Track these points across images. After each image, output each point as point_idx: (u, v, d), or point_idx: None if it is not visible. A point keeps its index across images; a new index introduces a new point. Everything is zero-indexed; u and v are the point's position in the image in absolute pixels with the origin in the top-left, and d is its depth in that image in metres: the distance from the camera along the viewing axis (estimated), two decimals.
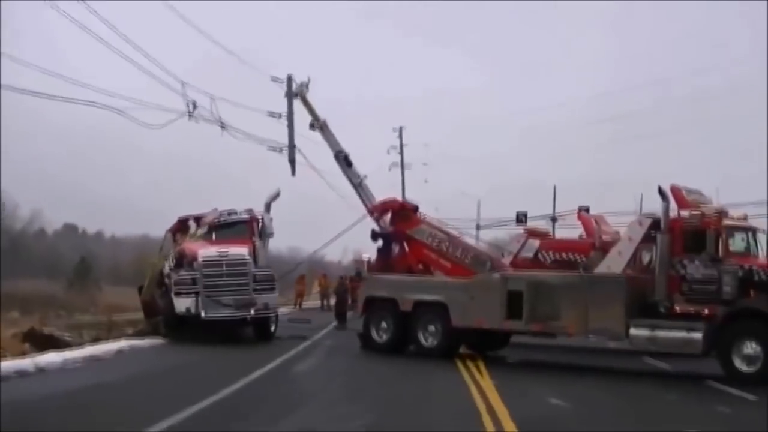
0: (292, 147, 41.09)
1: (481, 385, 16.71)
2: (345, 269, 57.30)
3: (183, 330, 24.55)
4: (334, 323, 33.02)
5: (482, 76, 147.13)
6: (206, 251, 24.65)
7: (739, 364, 18.17)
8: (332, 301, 42.58)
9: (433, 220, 24.43)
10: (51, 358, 18.52)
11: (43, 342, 29.59)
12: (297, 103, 41.38)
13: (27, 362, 17.38)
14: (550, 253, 25.99)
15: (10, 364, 16.46)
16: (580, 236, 26.92)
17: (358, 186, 42.56)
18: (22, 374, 16.00)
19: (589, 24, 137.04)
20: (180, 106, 29.60)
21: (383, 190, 39.26)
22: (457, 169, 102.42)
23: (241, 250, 24.74)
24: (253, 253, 25.23)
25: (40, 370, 16.86)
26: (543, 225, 47.90)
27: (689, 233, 19.35)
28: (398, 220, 23.98)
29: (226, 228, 26.46)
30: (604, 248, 24.66)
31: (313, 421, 12.51)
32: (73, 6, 23.81)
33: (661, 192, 19.52)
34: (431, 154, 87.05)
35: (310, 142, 41.42)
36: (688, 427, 13.04)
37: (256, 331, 25.33)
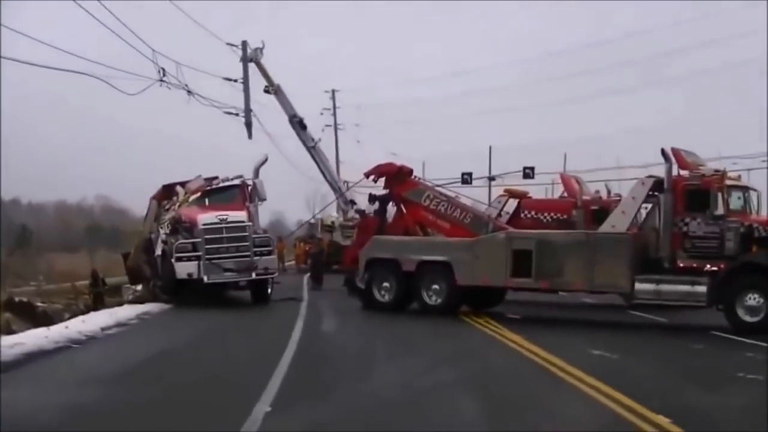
0: (248, 110, 41.55)
1: (513, 339, 17.58)
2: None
3: (181, 295, 24.96)
4: (309, 284, 33.58)
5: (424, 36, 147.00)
6: (206, 217, 24.94)
7: (743, 315, 19.47)
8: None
9: (429, 183, 25.18)
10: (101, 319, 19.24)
11: (24, 310, 29.60)
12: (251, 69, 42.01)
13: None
14: (532, 212, 27.12)
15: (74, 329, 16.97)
16: (561, 195, 28.12)
17: (312, 149, 43.37)
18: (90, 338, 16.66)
19: None
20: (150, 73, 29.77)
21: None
22: (391, 132, 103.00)
23: (240, 215, 25.12)
24: (250, 217, 25.62)
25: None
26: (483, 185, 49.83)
27: (691, 193, 20.52)
28: (394, 184, 24.57)
29: (218, 193, 26.80)
30: (586, 207, 25.92)
31: (400, 373, 13.21)
32: None
33: (663, 153, 20.65)
34: (366, 116, 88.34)
35: (263, 107, 41.87)
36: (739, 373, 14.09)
37: (254, 294, 25.84)
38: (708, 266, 20.32)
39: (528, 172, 45.99)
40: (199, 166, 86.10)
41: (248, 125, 41.42)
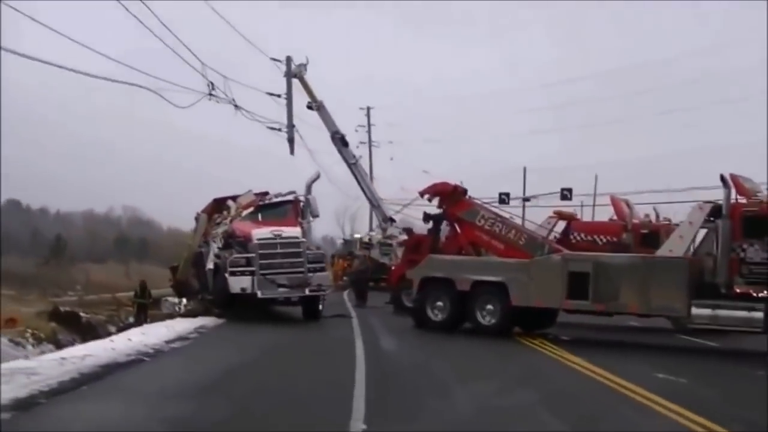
0: (291, 126, 41.83)
1: (574, 361, 17.71)
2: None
3: (233, 309, 25.22)
4: (352, 301, 33.81)
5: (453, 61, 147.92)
6: (261, 232, 25.23)
7: None
8: None
9: (484, 204, 25.41)
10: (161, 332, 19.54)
11: (68, 321, 30.02)
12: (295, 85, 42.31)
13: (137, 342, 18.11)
14: (582, 234, 27.34)
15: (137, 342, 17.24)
16: (611, 218, 28.29)
17: (353, 165, 43.58)
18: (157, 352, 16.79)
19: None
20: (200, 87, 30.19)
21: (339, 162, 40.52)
22: (422, 149, 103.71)
23: (294, 231, 25.43)
24: (304, 233, 25.90)
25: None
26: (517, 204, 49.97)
27: (750, 219, 20.61)
28: (449, 203, 24.79)
29: (271, 209, 27.11)
30: (635, 230, 26.09)
31: (479, 394, 13.42)
32: None
33: (723, 180, 20.77)
34: (398, 134, 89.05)
35: (304, 124, 42.16)
36: None
37: (306, 310, 26.05)
38: (765, 292, 20.38)
39: (566, 194, 46.02)
40: (243, 180, 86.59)
41: (290, 141, 41.71)
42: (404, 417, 11.29)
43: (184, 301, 31.39)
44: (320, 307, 26.46)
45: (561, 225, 28.06)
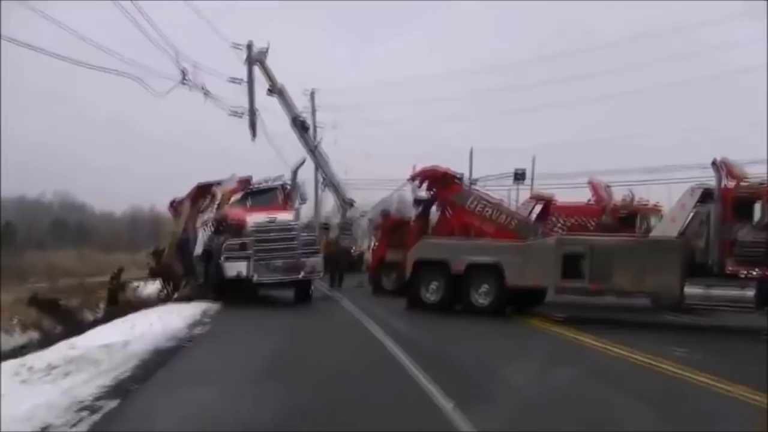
0: (252, 112, 41.99)
1: (585, 340, 18.48)
2: None
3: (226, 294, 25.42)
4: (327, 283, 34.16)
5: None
6: (256, 217, 25.47)
7: None
8: None
9: (475, 188, 26.07)
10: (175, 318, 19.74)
11: (48, 307, 29.83)
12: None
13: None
14: (561, 216, 28.23)
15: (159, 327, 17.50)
16: (588, 201, 29.22)
17: (314, 150, 43.95)
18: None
19: None
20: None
21: (295, 149, 40.98)
22: (365, 133, 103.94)
23: (288, 216, 25.78)
24: (297, 218, 26.25)
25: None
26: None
27: (741, 202, 21.65)
28: (440, 187, 25.39)
29: (260, 195, 27.39)
30: (614, 212, 27.05)
31: (531, 372, 13.92)
32: None
33: (714, 164, 21.75)
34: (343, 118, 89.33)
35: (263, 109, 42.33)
36: None
37: (298, 293, 26.43)
38: (756, 271, 21.42)
39: (518, 175, 46.62)
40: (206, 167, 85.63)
41: (252, 126, 41.89)
42: (486, 397, 11.69)
43: (159, 286, 31.55)
44: (311, 290, 26.85)
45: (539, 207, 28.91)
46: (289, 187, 27.42)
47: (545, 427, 10.21)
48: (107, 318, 24.56)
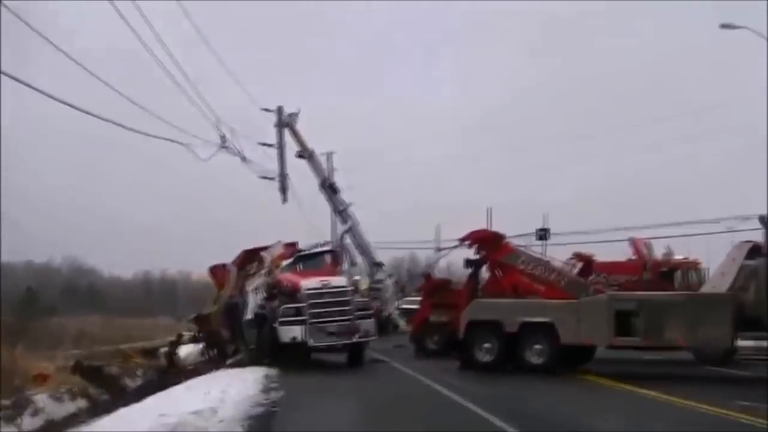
0: (283, 176, 42.73)
1: (657, 396, 18.94)
2: None
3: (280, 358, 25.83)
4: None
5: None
6: (309, 282, 26.01)
7: None
8: None
9: (523, 248, 26.74)
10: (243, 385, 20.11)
11: (93, 374, 30.14)
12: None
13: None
14: (603, 273, 28.85)
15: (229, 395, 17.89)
16: (629, 259, 29.90)
17: (343, 212, 44.57)
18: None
19: None
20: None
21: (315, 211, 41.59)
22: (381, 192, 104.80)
23: (341, 280, 26.37)
24: (350, 282, 26.86)
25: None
26: None
27: None
28: (490, 249, 26.04)
29: (310, 259, 27.99)
30: (654, 268, 27.69)
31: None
32: None
33: (762, 220, 22.54)
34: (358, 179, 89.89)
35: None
36: None
37: (351, 357, 26.88)
38: None
39: (542, 234, 47.29)
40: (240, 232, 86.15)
41: (283, 190, 42.57)
42: None
43: (198, 351, 31.99)
44: (364, 353, 27.32)
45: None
46: (337, 250, 27.99)
47: None
48: (150, 385, 24.99)
